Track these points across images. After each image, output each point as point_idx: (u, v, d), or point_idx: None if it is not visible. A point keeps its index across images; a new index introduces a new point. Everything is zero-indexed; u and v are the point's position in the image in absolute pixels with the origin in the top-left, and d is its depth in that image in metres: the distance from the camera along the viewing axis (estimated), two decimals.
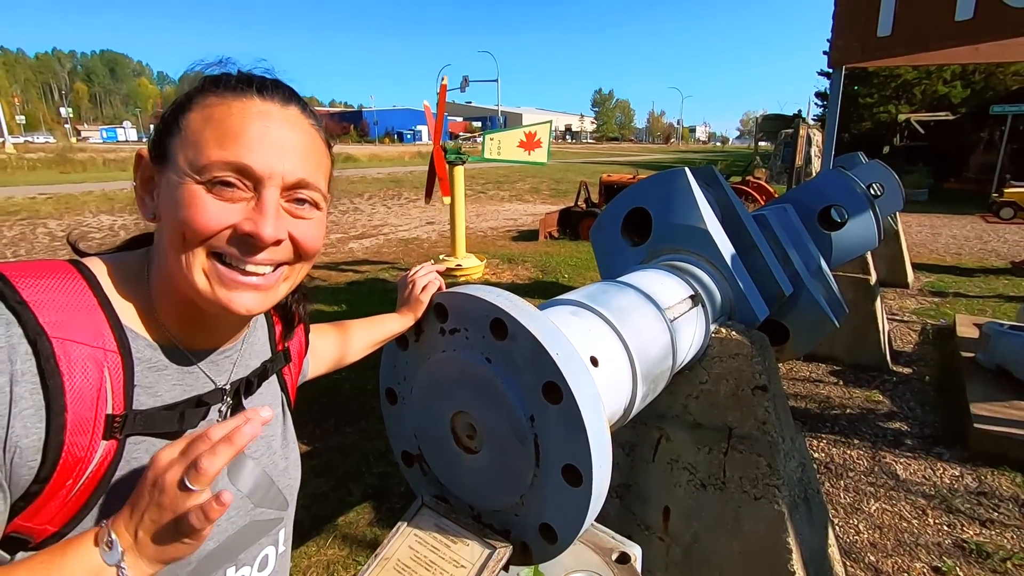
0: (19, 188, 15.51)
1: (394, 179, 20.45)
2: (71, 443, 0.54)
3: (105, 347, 0.57)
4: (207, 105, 0.58)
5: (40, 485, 0.53)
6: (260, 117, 0.58)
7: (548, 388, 0.88)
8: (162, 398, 0.62)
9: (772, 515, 1.57)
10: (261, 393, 0.76)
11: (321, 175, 0.65)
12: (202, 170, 0.56)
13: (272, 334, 0.81)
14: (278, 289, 0.64)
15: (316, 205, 0.65)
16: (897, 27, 3.69)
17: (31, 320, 0.53)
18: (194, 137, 0.57)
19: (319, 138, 0.65)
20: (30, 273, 0.56)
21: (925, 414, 3.57)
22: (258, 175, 0.57)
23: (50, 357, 0.53)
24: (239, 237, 0.58)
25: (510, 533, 1.02)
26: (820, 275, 2.50)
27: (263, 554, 0.75)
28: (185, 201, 0.56)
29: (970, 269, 7.57)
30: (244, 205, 0.58)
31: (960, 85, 21.30)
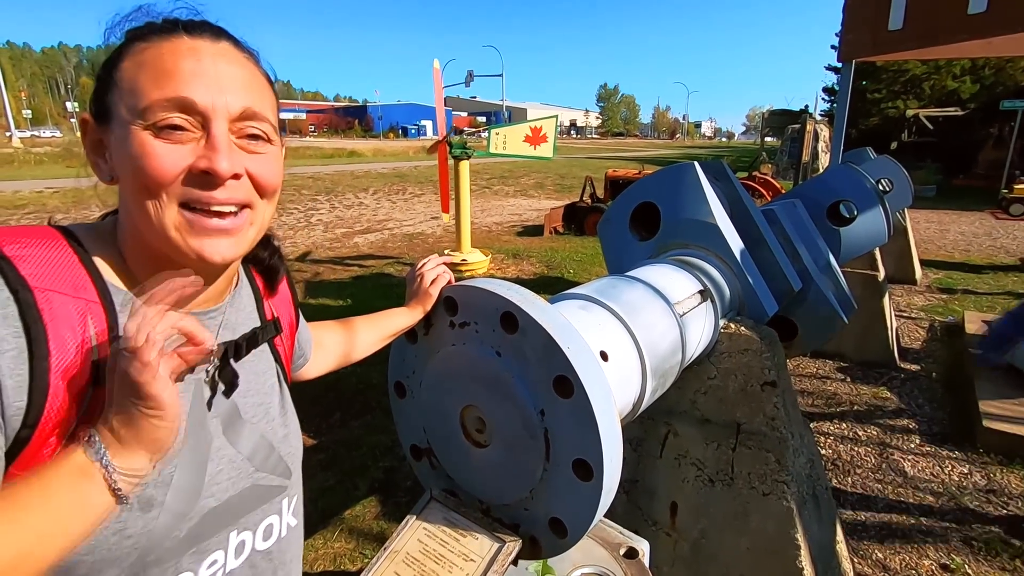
0: (26, 182, 15.58)
1: (399, 174, 20.43)
2: (56, 388, 0.54)
3: (87, 298, 0.58)
4: (137, 52, 0.58)
5: (29, 430, 0.54)
6: (192, 52, 0.58)
7: (559, 382, 0.88)
8: None
9: (780, 511, 1.56)
10: (253, 360, 0.76)
11: (267, 107, 0.64)
12: (144, 113, 0.56)
13: (260, 304, 0.81)
14: (247, 233, 0.64)
15: (268, 139, 0.64)
16: (908, 20, 3.65)
17: (12, 272, 0.54)
18: (130, 85, 0.57)
19: (258, 71, 0.65)
20: (16, 233, 0.58)
21: (933, 411, 3.55)
22: (201, 108, 0.57)
23: (32, 306, 0.54)
24: (197, 177, 0.58)
25: (519, 527, 1.01)
26: (829, 271, 2.48)
27: (267, 522, 0.75)
28: (136, 151, 0.57)
29: (979, 266, 7.51)
30: (195, 145, 0.58)
31: (970, 80, 21.08)
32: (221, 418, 0.70)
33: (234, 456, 0.70)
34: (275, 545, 0.77)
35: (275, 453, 0.77)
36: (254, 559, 0.74)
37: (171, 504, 0.62)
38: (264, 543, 0.75)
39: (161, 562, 0.62)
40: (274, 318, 0.82)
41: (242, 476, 0.71)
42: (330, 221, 11.16)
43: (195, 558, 0.66)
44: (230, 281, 0.73)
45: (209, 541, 0.67)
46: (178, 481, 0.63)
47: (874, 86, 22.47)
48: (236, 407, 0.72)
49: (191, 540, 0.65)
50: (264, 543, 0.75)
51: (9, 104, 36.40)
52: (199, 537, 0.66)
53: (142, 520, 0.59)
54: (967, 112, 19.72)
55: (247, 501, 0.72)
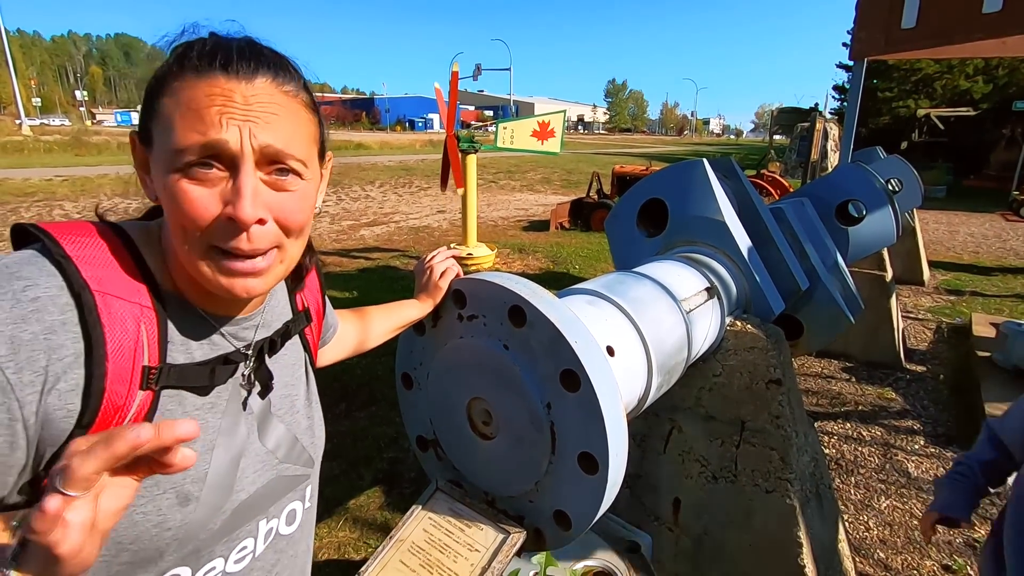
0: (35, 170, 15.67)
1: (405, 167, 20.43)
2: (111, 391, 0.56)
3: (141, 303, 0.60)
4: (175, 89, 0.58)
5: (83, 430, 0.55)
6: (224, 95, 0.57)
7: (566, 376, 0.89)
8: (193, 356, 0.64)
9: (783, 509, 1.56)
10: (285, 353, 0.78)
11: (300, 142, 0.62)
12: (176, 157, 0.56)
13: (292, 295, 0.82)
14: (275, 271, 0.64)
15: (299, 175, 0.63)
16: (922, 19, 3.61)
17: (75, 274, 0.55)
18: (168, 123, 0.57)
19: (296, 103, 0.63)
20: (73, 231, 0.59)
21: (939, 413, 3.54)
22: (228, 154, 0.57)
23: (92, 310, 0.55)
24: (224, 222, 0.58)
25: (524, 519, 1.02)
26: (836, 270, 2.47)
27: (290, 508, 0.78)
28: (172, 195, 0.57)
29: (988, 268, 7.45)
30: (224, 186, 0.58)
31: (982, 80, 20.85)
32: (255, 416, 0.72)
33: (259, 450, 0.72)
34: (297, 529, 0.80)
35: (299, 444, 0.78)
36: (279, 543, 0.77)
37: (206, 499, 0.64)
38: (288, 528, 0.78)
39: (198, 551, 0.65)
40: (304, 308, 0.84)
41: (267, 468, 0.73)
42: (336, 213, 11.19)
43: (227, 546, 0.69)
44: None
45: (240, 530, 0.70)
46: (212, 477, 0.65)
47: (885, 85, 22.26)
48: (268, 403, 0.74)
49: (224, 531, 0.68)
50: (288, 528, 0.78)
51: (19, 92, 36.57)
52: (231, 527, 0.69)
53: (180, 514, 0.62)
54: (979, 112, 19.51)
55: (274, 491, 0.74)
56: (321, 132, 0.68)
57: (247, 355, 0.70)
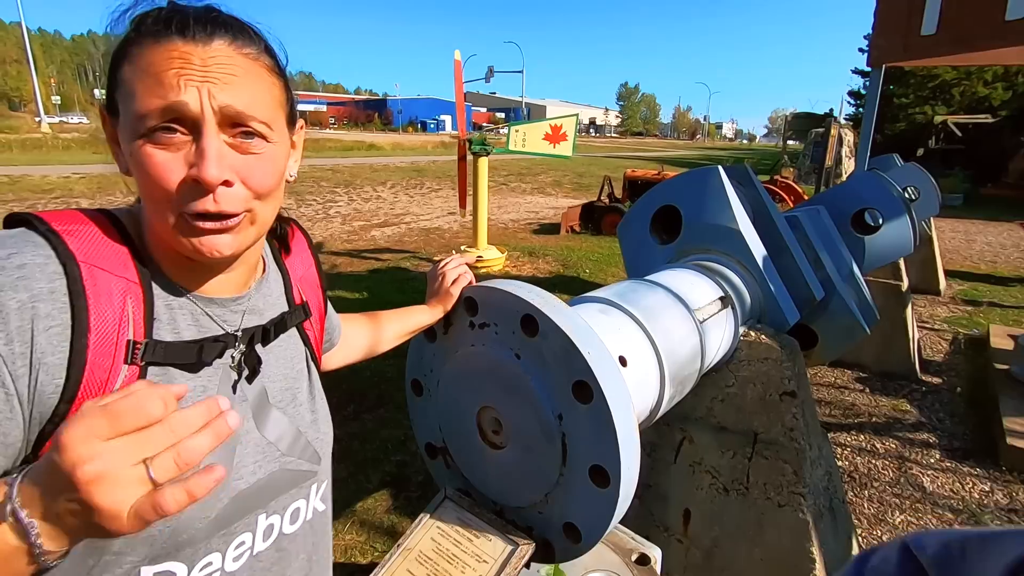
0: (54, 167, 15.91)
1: (417, 168, 20.51)
2: (94, 363, 0.56)
3: (128, 277, 0.60)
4: (134, 56, 0.58)
5: (67, 404, 0.55)
6: (182, 58, 0.57)
7: (578, 387, 0.87)
8: (180, 335, 0.64)
9: (796, 523, 1.54)
10: (282, 345, 0.77)
11: (262, 105, 0.61)
12: (139, 123, 0.56)
13: (288, 289, 0.81)
14: (247, 232, 0.64)
15: (264, 137, 0.62)
16: (942, 26, 3.56)
17: (61, 245, 0.56)
18: (128, 90, 0.57)
19: (258, 65, 0.62)
20: (63, 214, 0.60)
21: (955, 426, 3.47)
22: (189, 116, 0.57)
23: (77, 280, 0.55)
24: (190, 185, 0.58)
25: (533, 530, 1.01)
26: (852, 280, 2.43)
27: (294, 506, 0.77)
28: (138, 162, 0.58)
29: (1006, 278, 7.32)
30: (188, 150, 0.58)
31: (1001, 87, 20.54)
32: (250, 402, 0.71)
33: (259, 440, 0.71)
34: (301, 529, 0.78)
35: (303, 438, 0.77)
36: (281, 542, 0.75)
37: None
38: (291, 527, 0.76)
39: (192, 542, 0.64)
40: (303, 302, 0.83)
41: (269, 460, 0.72)
42: (348, 214, 11.25)
43: (224, 539, 0.67)
44: (252, 270, 0.74)
45: (238, 523, 0.69)
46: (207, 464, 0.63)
47: (902, 91, 22.00)
48: (264, 392, 0.73)
49: (220, 522, 0.66)
50: (291, 527, 0.76)
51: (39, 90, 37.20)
52: (228, 519, 0.67)
53: None
54: (998, 120, 19.22)
55: (276, 485, 0.73)
56: (289, 97, 0.68)
57: (236, 338, 0.69)
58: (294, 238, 0.87)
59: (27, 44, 32.98)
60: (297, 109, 0.71)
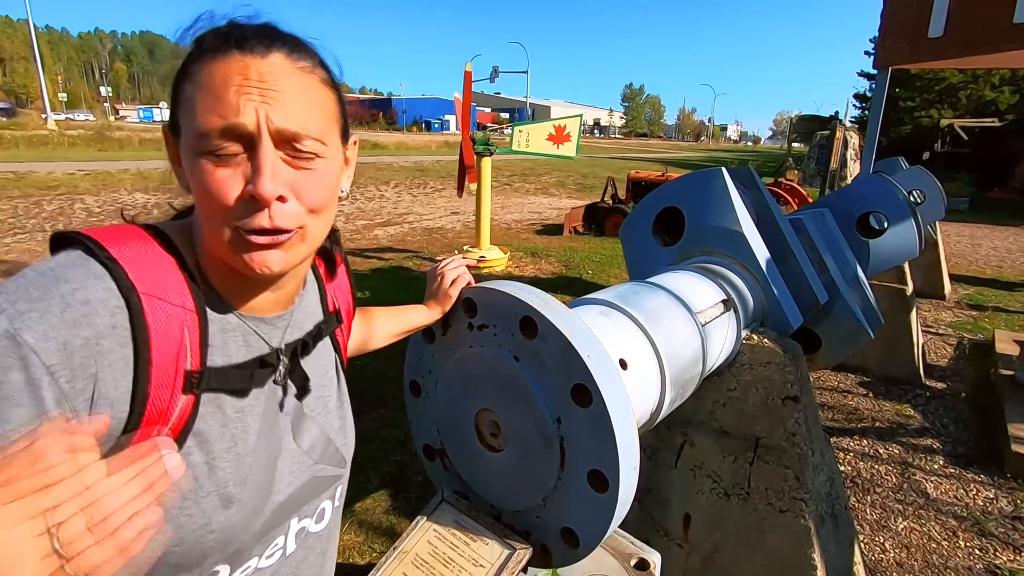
0: (59, 164, 15.98)
1: (420, 168, 20.51)
2: (155, 396, 0.56)
3: (184, 305, 0.60)
4: (193, 73, 0.58)
5: (128, 436, 0.55)
6: (240, 73, 0.57)
7: (577, 390, 0.86)
8: (232, 358, 0.64)
9: (798, 529, 1.52)
10: (316, 355, 0.78)
11: (317, 121, 0.61)
12: (199, 140, 0.57)
13: (323, 296, 0.82)
14: (298, 248, 0.64)
15: (318, 154, 0.62)
16: (950, 28, 3.54)
17: (123, 276, 0.55)
18: (189, 107, 0.58)
19: (313, 80, 0.62)
20: (115, 234, 0.59)
21: (959, 432, 3.45)
22: (246, 133, 0.57)
23: (140, 313, 0.55)
24: (246, 202, 0.58)
25: (530, 535, 1.00)
26: (856, 284, 2.41)
27: (321, 507, 0.79)
28: (196, 178, 0.58)
29: (1012, 283, 7.27)
30: (245, 166, 0.58)
31: (1009, 91, 20.42)
32: (290, 417, 0.72)
33: (295, 451, 0.73)
34: (325, 527, 0.81)
35: (332, 445, 0.79)
36: (308, 541, 0.78)
37: (247, 501, 0.65)
38: (316, 526, 0.79)
39: (239, 552, 0.66)
40: (336, 310, 0.84)
41: (303, 469, 0.73)
42: (351, 212, 11.25)
43: (263, 545, 0.70)
44: (299, 285, 0.74)
45: (276, 529, 0.71)
46: (253, 479, 0.65)
47: (908, 94, 21.90)
48: (301, 404, 0.74)
49: (263, 531, 0.69)
50: (316, 526, 0.79)
51: (46, 87, 37.36)
52: (269, 527, 0.70)
53: (223, 516, 0.62)
54: (1005, 123, 19.10)
55: (308, 492, 0.75)
56: (342, 112, 0.67)
57: (281, 355, 0.70)
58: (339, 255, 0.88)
59: (34, 41, 33.15)
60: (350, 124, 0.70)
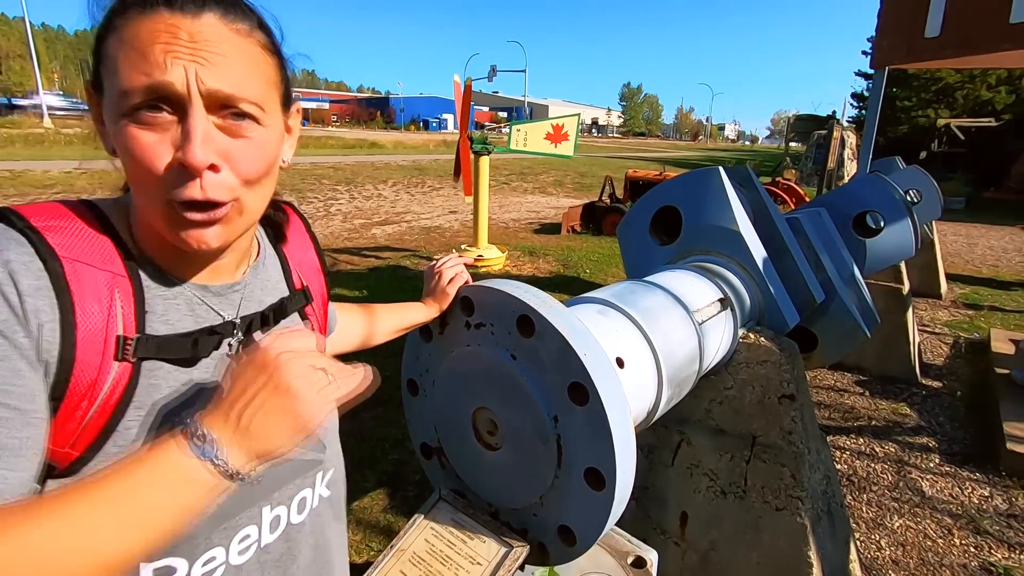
0: (56, 162, 15.91)
1: (418, 167, 20.49)
2: (82, 361, 0.54)
3: (114, 271, 0.58)
4: (118, 27, 0.55)
5: (56, 403, 0.53)
6: (169, 31, 0.53)
7: (574, 389, 0.86)
8: (174, 327, 0.62)
9: (794, 527, 1.53)
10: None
11: (254, 85, 0.58)
12: (123, 100, 0.54)
13: (288, 274, 0.79)
14: (235, 223, 0.61)
15: (256, 119, 0.59)
16: (946, 28, 3.54)
17: (41, 242, 0.54)
18: (112, 64, 0.54)
19: (250, 42, 0.59)
20: (43, 209, 0.58)
21: (955, 431, 3.46)
22: (175, 95, 0.54)
23: (60, 276, 0.54)
24: (177, 171, 0.56)
25: (527, 532, 1.00)
26: (853, 283, 2.42)
27: (300, 495, 0.76)
28: (122, 144, 0.55)
29: (1007, 282, 7.30)
30: (174, 131, 0.55)
31: (1005, 91, 20.50)
32: None
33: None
34: (308, 517, 0.77)
35: None
36: (289, 532, 0.74)
37: None
38: (298, 516, 0.75)
39: (191, 537, 0.62)
40: (303, 287, 0.81)
41: None
42: (349, 211, 11.24)
43: (225, 534, 0.66)
44: (244, 255, 0.72)
45: (239, 516, 0.67)
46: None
47: (905, 94, 21.96)
48: None
49: (220, 516, 0.64)
50: (298, 516, 0.75)
51: (42, 85, 37.16)
52: (227, 513, 0.65)
53: None
54: (1001, 123, 19.17)
55: (280, 475, 0.71)
56: (284, 77, 0.64)
57: (235, 327, 0.67)
58: (291, 223, 0.85)
59: (30, 39, 32.95)
60: (293, 90, 0.67)
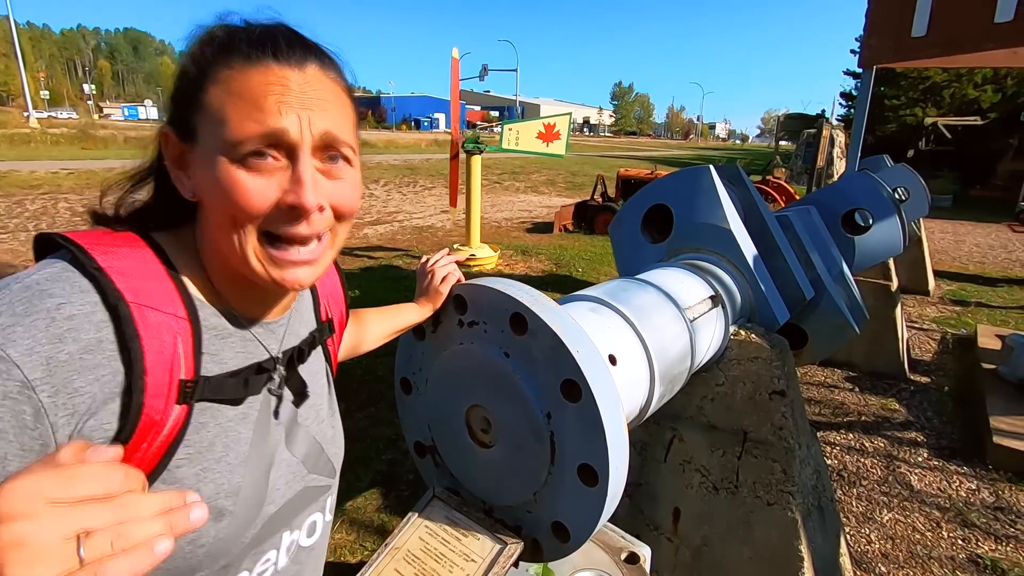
0: (42, 163, 15.72)
1: (410, 166, 20.44)
2: (149, 406, 0.55)
3: (176, 314, 0.58)
4: (224, 79, 0.56)
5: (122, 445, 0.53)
6: (280, 83, 0.56)
7: (567, 386, 0.87)
8: (227, 365, 0.63)
9: (785, 522, 1.54)
10: (309, 362, 0.77)
11: (347, 127, 0.63)
12: (234, 148, 0.56)
13: (317, 305, 0.82)
14: (324, 258, 0.65)
15: (348, 161, 0.63)
16: (933, 27, 3.59)
17: (110, 286, 0.54)
18: (219, 114, 0.56)
19: (340, 89, 0.63)
20: (103, 241, 0.57)
21: (942, 425, 3.51)
22: (288, 142, 0.57)
23: (129, 322, 0.54)
24: (282, 210, 0.58)
25: (521, 530, 1.01)
26: (842, 280, 2.45)
27: (311, 520, 0.77)
28: (226, 184, 0.56)
29: (993, 279, 7.40)
30: (281, 176, 0.58)
31: (991, 89, 20.74)
32: (284, 425, 0.71)
33: (290, 460, 0.72)
34: (317, 540, 0.79)
35: (324, 455, 0.78)
36: (299, 555, 0.76)
37: (240, 513, 0.63)
38: (308, 539, 0.77)
39: (228, 566, 0.65)
40: (328, 319, 0.84)
41: (296, 479, 0.72)
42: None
43: (253, 558, 0.68)
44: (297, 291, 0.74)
45: (267, 543, 0.69)
46: (245, 490, 0.64)
47: (893, 92, 22.17)
48: (295, 413, 0.73)
49: (254, 543, 0.67)
50: (308, 539, 0.77)
51: (28, 84, 36.69)
52: (260, 540, 0.68)
53: (214, 530, 0.61)
54: (987, 122, 19.40)
55: (300, 502, 0.74)
56: (357, 119, 0.68)
57: (277, 362, 0.69)
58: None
59: (15, 38, 32.55)
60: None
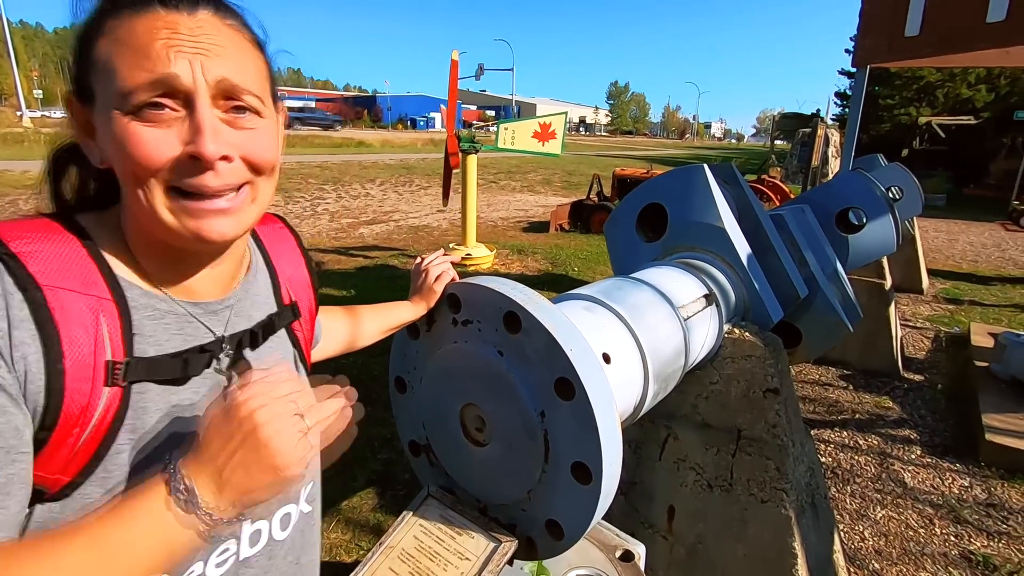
0: (35, 163, 15.62)
1: (406, 166, 20.41)
2: (71, 389, 0.53)
3: (99, 295, 0.57)
4: (110, 29, 0.54)
5: (47, 432, 0.53)
6: (169, 27, 0.54)
7: (560, 384, 0.87)
8: (164, 347, 0.61)
9: (779, 519, 1.55)
10: (270, 347, 0.75)
11: (253, 78, 0.59)
12: (125, 98, 0.53)
13: (276, 288, 0.79)
14: (248, 211, 0.62)
15: (257, 112, 0.60)
16: (926, 27, 3.61)
17: (20, 269, 0.52)
18: (107, 66, 0.54)
19: (243, 38, 0.60)
20: (21, 227, 0.56)
21: (936, 423, 3.53)
22: (183, 88, 0.54)
23: (42, 305, 0.52)
24: (186, 162, 0.55)
25: (516, 528, 1.01)
26: (836, 278, 2.46)
27: (284, 511, 0.75)
28: (121, 138, 0.54)
29: (987, 277, 7.45)
30: (180, 126, 0.55)
31: (985, 89, 20.90)
32: None
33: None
34: (291, 534, 0.77)
35: None
36: (273, 548, 0.74)
37: None
38: (282, 533, 0.75)
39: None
40: (292, 303, 0.81)
41: None
42: (336, 211, 11.17)
43: (206, 549, 0.66)
44: (238, 266, 0.72)
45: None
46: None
47: (887, 92, 22.30)
48: None
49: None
50: (282, 533, 0.75)
51: (21, 84, 36.41)
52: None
53: None
54: (980, 121, 19.53)
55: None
56: (271, 73, 0.65)
57: (223, 344, 0.67)
58: (283, 238, 0.85)
59: (8, 37, 32.31)
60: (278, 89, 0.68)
